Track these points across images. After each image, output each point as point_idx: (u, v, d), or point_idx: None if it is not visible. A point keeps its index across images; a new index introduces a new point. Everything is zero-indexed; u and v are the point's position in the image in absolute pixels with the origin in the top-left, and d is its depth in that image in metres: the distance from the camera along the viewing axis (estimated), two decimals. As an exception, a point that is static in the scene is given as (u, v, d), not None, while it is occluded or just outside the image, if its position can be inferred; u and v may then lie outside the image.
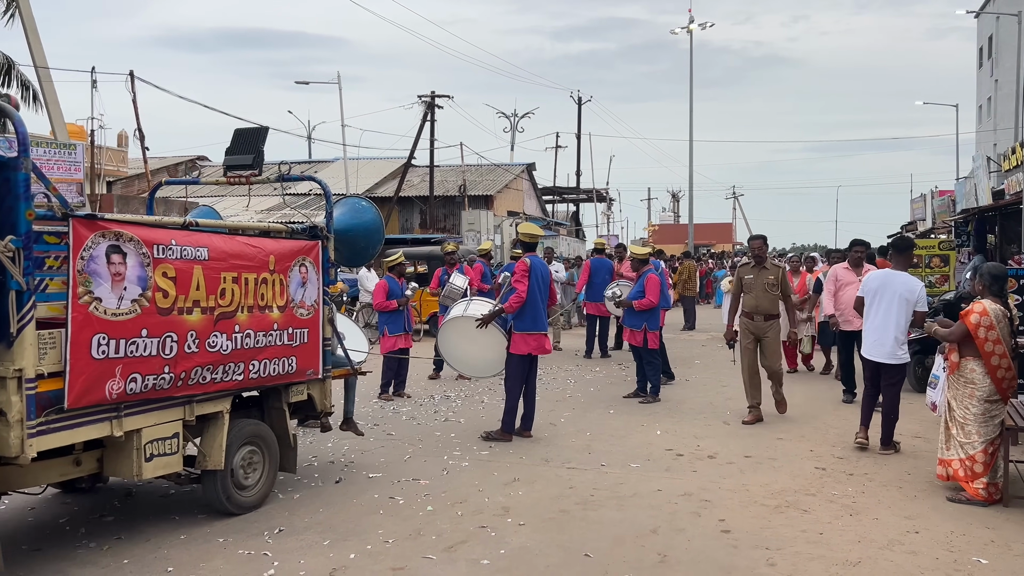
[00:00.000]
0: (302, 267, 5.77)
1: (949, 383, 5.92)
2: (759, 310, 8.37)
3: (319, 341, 5.96)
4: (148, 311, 4.64)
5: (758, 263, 8.50)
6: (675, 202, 77.48)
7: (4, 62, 17.08)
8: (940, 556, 4.66)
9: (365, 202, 7.08)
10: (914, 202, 37.94)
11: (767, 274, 8.42)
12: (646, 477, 6.29)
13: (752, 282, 8.46)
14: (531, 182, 38.70)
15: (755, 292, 8.42)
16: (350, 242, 6.71)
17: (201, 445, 5.30)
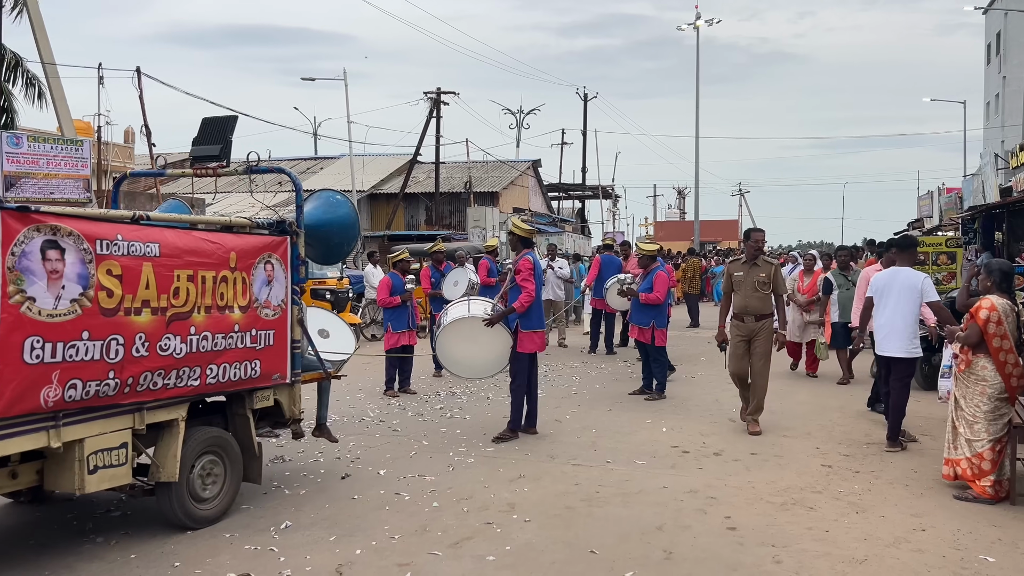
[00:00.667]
0: (268, 264, 5.42)
1: (958, 381, 5.90)
2: (749, 310, 7.75)
3: (287, 343, 5.60)
4: (90, 312, 4.29)
5: (749, 259, 7.86)
6: (681, 199, 77.42)
7: (12, 59, 17.12)
8: (947, 554, 4.65)
9: (339, 196, 6.70)
10: (921, 199, 37.85)
11: (758, 271, 7.78)
12: (652, 474, 6.29)
13: (742, 280, 7.84)
14: (537, 179, 38.70)
15: (744, 291, 7.79)
16: (323, 238, 6.34)
17: (154, 455, 4.92)
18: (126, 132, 28.62)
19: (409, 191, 31.30)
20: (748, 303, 7.76)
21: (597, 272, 13.46)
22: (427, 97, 30.09)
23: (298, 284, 5.71)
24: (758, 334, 7.75)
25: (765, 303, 7.80)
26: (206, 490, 5.19)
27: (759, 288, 7.76)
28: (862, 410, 8.69)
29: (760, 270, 7.80)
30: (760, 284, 7.76)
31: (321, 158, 38.66)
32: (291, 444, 7.34)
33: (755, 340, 7.75)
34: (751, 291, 7.76)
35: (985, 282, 5.97)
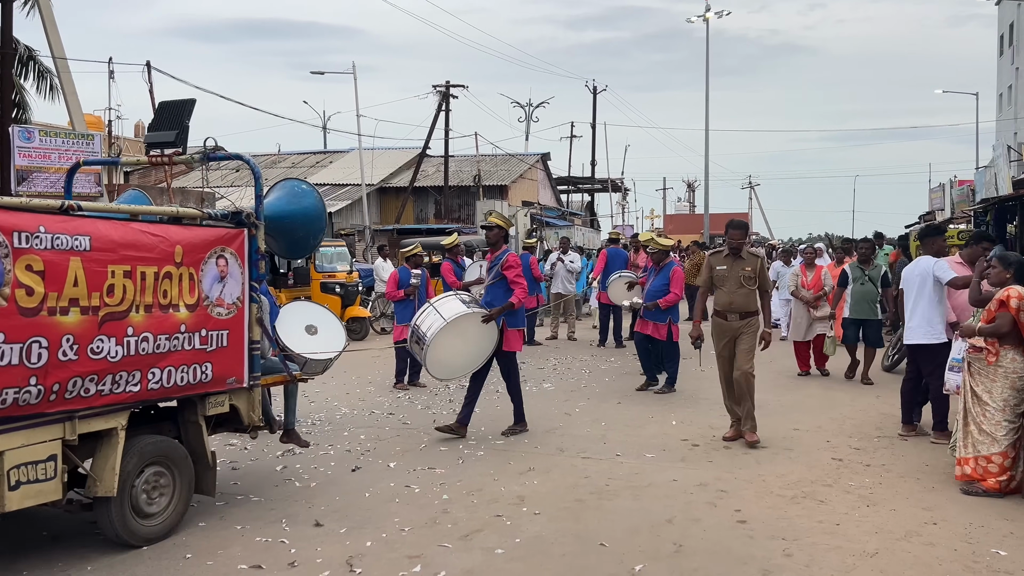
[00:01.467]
0: (220, 259, 5.00)
1: (981, 375, 5.73)
2: (733, 307, 7.09)
3: (243, 344, 5.19)
4: (6, 312, 3.89)
5: (733, 252, 7.23)
6: (691, 192, 77.19)
7: (24, 53, 17.19)
8: (958, 548, 4.63)
9: (305, 185, 6.25)
10: (933, 192, 37.59)
11: (743, 265, 7.12)
12: (661, 467, 6.28)
13: (725, 274, 7.17)
14: (546, 172, 38.67)
15: (728, 286, 7.14)
16: (287, 231, 5.93)
17: (91, 468, 4.50)
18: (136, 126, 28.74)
19: (418, 185, 31.32)
20: (732, 299, 7.11)
21: (604, 265, 13.42)
22: (436, 91, 30.12)
23: (257, 280, 5.35)
24: (743, 333, 7.10)
25: (750, 300, 7.16)
26: (152, 504, 4.75)
27: (744, 283, 7.11)
28: (873, 403, 8.67)
29: (745, 263, 7.13)
30: (746, 279, 7.11)
31: (330, 152, 38.71)
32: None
33: (740, 341, 7.09)
34: (735, 286, 7.11)
35: (1003, 275, 5.86)
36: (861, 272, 9.92)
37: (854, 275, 9.95)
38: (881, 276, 9.92)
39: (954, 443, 6.02)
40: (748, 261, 7.18)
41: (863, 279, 9.89)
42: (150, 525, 4.73)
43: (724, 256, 7.28)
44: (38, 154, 15.33)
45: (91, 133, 17.18)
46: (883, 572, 4.30)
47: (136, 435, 4.74)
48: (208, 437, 5.17)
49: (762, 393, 9.31)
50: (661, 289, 9.51)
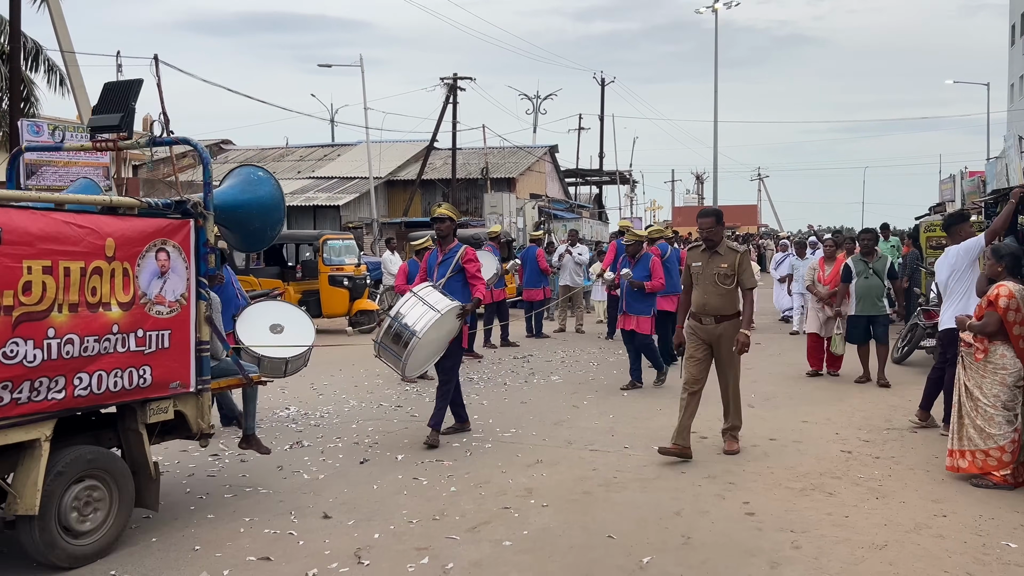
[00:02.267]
0: (161, 252, 4.57)
1: (972, 370, 5.71)
2: (708, 309, 6.31)
3: (189, 345, 4.78)
4: None
5: (708, 246, 6.44)
6: (699, 184, 76.99)
7: (33, 47, 17.23)
8: (968, 540, 4.61)
9: (262, 172, 5.75)
10: (943, 183, 37.32)
11: (719, 261, 6.33)
12: (670, 459, 6.27)
13: (699, 272, 6.41)
14: (554, 164, 38.59)
15: (703, 285, 6.37)
16: (240, 222, 5.50)
17: (12, 483, 4.12)
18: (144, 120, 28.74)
19: (426, 178, 31.30)
20: (707, 300, 6.32)
21: (613, 258, 13.39)
22: (443, 83, 30.06)
23: (206, 275, 4.95)
24: (722, 339, 6.32)
25: (728, 301, 6.34)
26: (85, 521, 4.33)
27: (719, 282, 6.30)
28: (882, 395, 8.63)
29: (722, 259, 6.33)
30: (721, 277, 6.30)
31: (338, 145, 38.72)
32: (309, 429, 7.40)
33: (719, 347, 6.33)
34: (710, 285, 6.32)
35: (995, 268, 5.79)
36: (865, 265, 9.30)
37: (857, 269, 9.29)
38: (888, 268, 9.36)
39: None
40: (725, 257, 6.34)
41: (867, 272, 9.26)
42: (82, 544, 4.33)
43: (700, 251, 6.49)
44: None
45: (100, 127, 17.21)
46: (892, 564, 4.28)
47: (66, 446, 4.33)
48: (150, 447, 4.73)
49: (771, 386, 9.31)
50: (641, 278, 9.19)
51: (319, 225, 28.35)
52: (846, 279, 9.35)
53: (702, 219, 6.43)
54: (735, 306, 6.38)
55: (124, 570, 4.29)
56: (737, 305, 6.40)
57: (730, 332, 6.30)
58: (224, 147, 37.76)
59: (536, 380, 9.94)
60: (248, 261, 16.51)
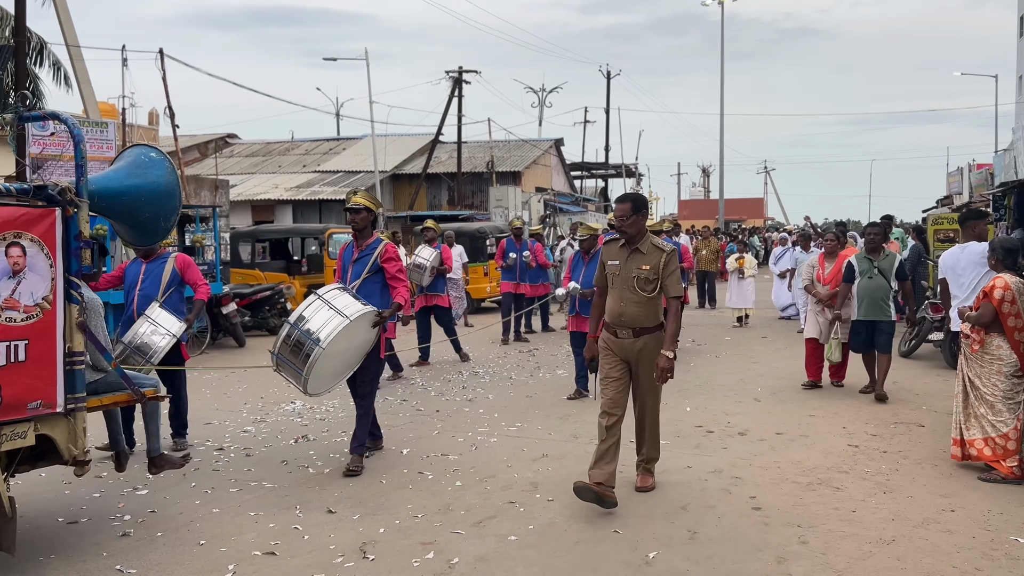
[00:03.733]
0: (13, 247, 3.92)
1: (971, 361, 5.77)
2: (624, 319, 5.07)
3: (55, 358, 4.08)
4: None
5: (628, 241, 5.14)
6: (705, 177, 76.82)
7: (37, 42, 17.24)
8: (977, 535, 4.58)
9: (155, 153, 4.94)
10: (951, 176, 37.19)
11: (640, 261, 5.06)
12: (676, 454, 6.25)
13: (616, 272, 5.13)
14: (559, 157, 38.53)
15: (619, 289, 5.10)
16: (128, 211, 4.75)
17: None
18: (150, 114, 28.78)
19: (431, 171, 31.27)
20: (623, 308, 5.06)
21: None
22: (449, 76, 30.01)
23: (80, 274, 4.23)
24: (641, 357, 5.10)
25: (649, 311, 5.07)
26: None
27: (640, 287, 5.02)
28: (890, 389, 8.59)
29: (643, 259, 5.05)
30: (642, 281, 5.02)
31: (343, 138, 38.71)
32: (314, 423, 7.40)
33: (638, 366, 5.13)
34: (628, 291, 5.05)
35: (990, 260, 5.89)
36: (869, 264, 8.16)
37: (861, 267, 8.18)
38: (896, 267, 8.14)
39: None
40: (648, 256, 5.04)
41: (871, 272, 8.13)
42: None
43: (618, 247, 5.17)
44: (52, 142, 15.40)
45: (105, 121, 17.24)
46: (900, 559, 4.26)
47: None
48: (5, 479, 4.07)
49: (777, 379, 9.28)
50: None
51: (324, 219, 28.37)
52: (848, 279, 8.26)
53: (618, 204, 5.12)
54: (658, 317, 5.11)
55: (129, 564, 4.29)
56: (659, 315, 5.12)
57: (651, 348, 5.05)
58: (229, 141, 37.77)
59: (542, 374, 9.92)
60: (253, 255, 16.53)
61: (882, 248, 8.29)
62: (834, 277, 8.71)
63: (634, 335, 5.07)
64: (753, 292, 14.92)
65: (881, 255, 8.22)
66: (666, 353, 4.97)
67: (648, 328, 5.08)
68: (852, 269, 8.24)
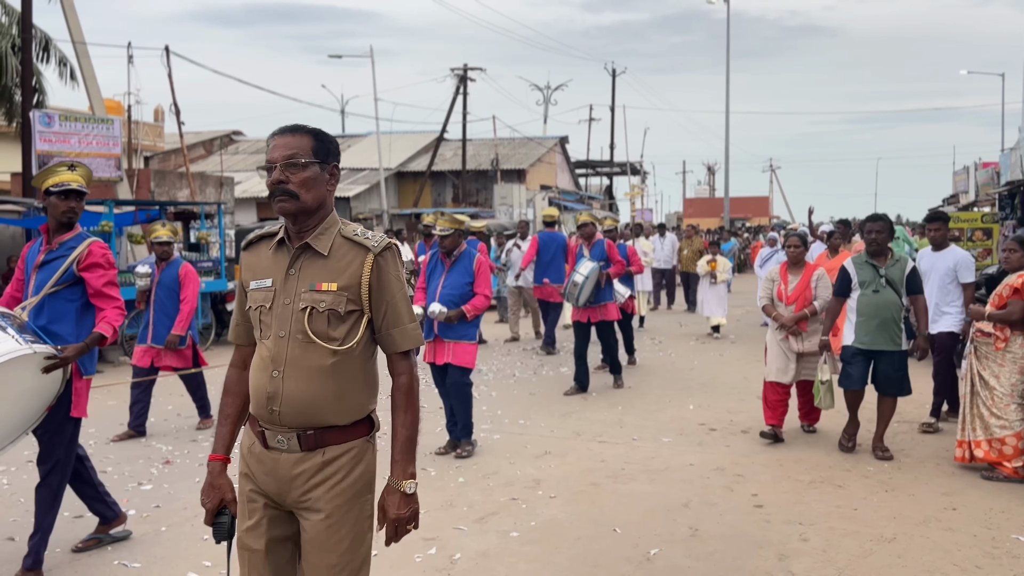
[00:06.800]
0: None
1: (989, 360, 5.67)
2: (277, 405, 2.38)
3: None
4: None
5: (296, 233, 2.46)
6: (711, 175, 76.66)
7: (43, 39, 17.29)
8: (978, 533, 4.58)
9: None
10: (956, 174, 37.09)
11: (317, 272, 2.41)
12: (678, 451, 6.26)
13: (266, 300, 2.45)
14: (564, 155, 38.52)
15: (273, 336, 2.41)
16: None
17: None
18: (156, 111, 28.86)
19: (436, 169, 31.28)
20: (280, 384, 2.39)
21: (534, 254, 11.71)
22: (454, 74, 30.02)
23: None
24: (313, 504, 2.41)
25: (340, 386, 2.44)
26: None
27: (315, 328, 2.38)
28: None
29: (324, 267, 2.42)
30: (317, 319, 2.39)
31: (348, 136, 38.75)
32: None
33: (306, 525, 2.44)
34: (291, 339, 2.39)
35: (1011, 256, 5.75)
36: (873, 272, 6.09)
37: (862, 276, 6.12)
38: (907, 275, 6.09)
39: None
40: (334, 261, 2.43)
41: (877, 282, 6.05)
42: None
43: (270, 249, 2.51)
44: (58, 139, 15.45)
45: (111, 118, 17.29)
46: (901, 557, 4.26)
47: None
48: None
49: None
50: (460, 287, 6.14)
51: (329, 216, 28.38)
52: (842, 291, 6.23)
53: (276, 137, 2.43)
54: (362, 403, 2.54)
55: (134, 559, 4.32)
56: (368, 402, 2.56)
57: (342, 481, 2.45)
58: (235, 138, 37.83)
59: (545, 371, 9.94)
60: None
61: (889, 251, 6.18)
62: (800, 294, 6.64)
63: (303, 444, 2.38)
64: (726, 300, 13.21)
65: (889, 259, 6.13)
66: (400, 486, 2.47)
67: (339, 427, 2.44)
68: (848, 278, 6.18)
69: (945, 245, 6.97)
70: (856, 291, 6.14)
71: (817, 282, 6.66)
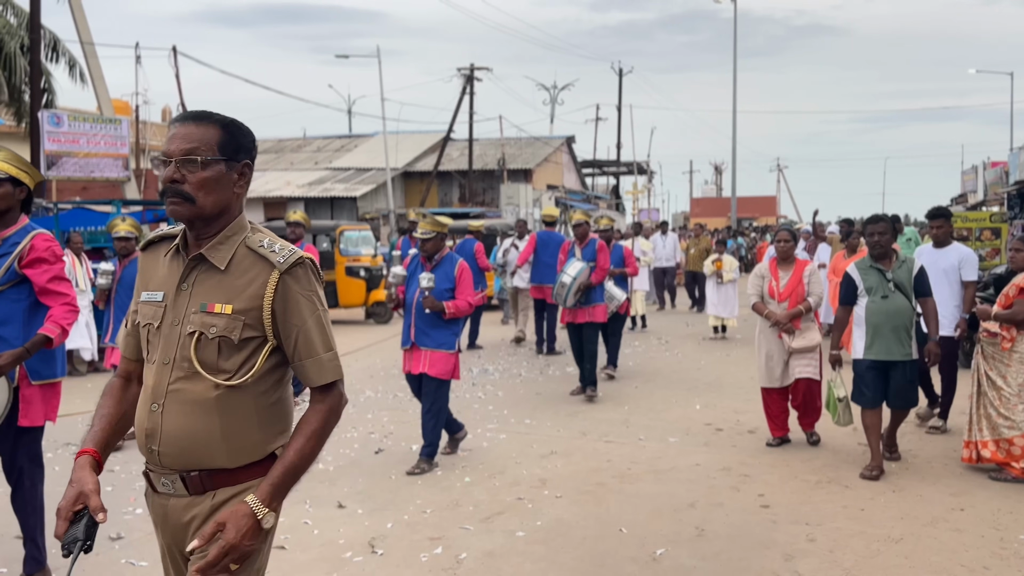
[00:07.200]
0: None
1: (995, 360, 5.64)
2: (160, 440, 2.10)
3: None
4: None
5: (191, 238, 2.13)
6: (718, 175, 76.51)
7: (51, 39, 17.37)
8: (986, 534, 4.56)
9: None
10: (965, 174, 36.96)
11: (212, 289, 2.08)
12: (684, 451, 6.25)
13: (155, 318, 2.14)
14: (571, 155, 38.52)
15: (158, 361, 2.11)
16: None
17: None
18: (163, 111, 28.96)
19: (442, 169, 31.32)
20: (160, 419, 2.09)
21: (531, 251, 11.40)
22: (460, 73, 30.05)
23: None
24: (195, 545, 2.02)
25: (232, 421, 2.08)
26: None
27: (201, 356, 2.06)
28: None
29: (221, 284, 2.08)
30: (206, 345, 2.07)
31: (355, 136, 38.81)
32: (325, 419, 7.43)
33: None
34: (173, 365, 2.08)
35: (1019, 256, 5.74)
36: (880, 276, 5.71)
37: (868, 283, 5.74)
38: (915, 277, 5.74)
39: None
40: (233, 278, 2.08)
41: (885, 288, 5.68)
42: None
43: (166, 255, 2.18)
44: (67, 139, 15.52)
45: (119, 118, 17.37)
46: (908, 558, 4.25)
47: None
48: None
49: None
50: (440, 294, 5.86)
51: (336, 216, 28.47)
52: (847, 299, 5.84)
53: (177, 125, 2.09)
54: (258, 443, 2.17)
55: (142, 557, 4.33)
56: (267, 442, 2.19)
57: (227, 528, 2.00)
58: (242, 138, 37.92)
59: (551, 371, 9.94)
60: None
61: (894, 253, 5.81)
62: (793, 290, 6.41)
63: (189, 487, 2.11)
64: (735, 299, 12.73)
65: (894, 262, 5.78)
66: (258, 511, 2.05)
67: (227, 472, 2.12)
68: (853, 285, 5.80)
69: (948, 242, 6.86)
70: (863, 298, 5.74)
71: (810, 277, 6.44)
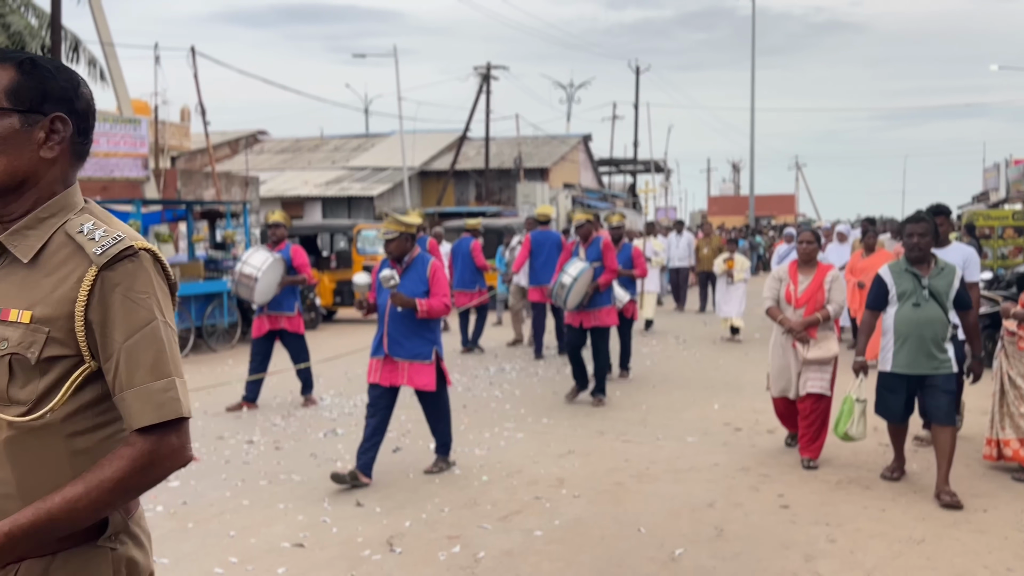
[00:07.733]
0: None
1: (1013, 359, 5.60)
2: None
3: None
4: None
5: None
6: (736, 173, 76.13)
7: (72, 40, 17.52)
8: (1009, 536, 4.51)
9: None
10: (987, 171, 36.56)
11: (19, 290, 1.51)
12: (703, 451, 6.22)
13: None
14: (587, 153, 38.42)
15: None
16: None
17: None
18: (182, 111, 29.13)
19: (459, 168, 31.32)
20: None
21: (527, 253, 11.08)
22: (477, 72, 30.04)
23: None
24: None
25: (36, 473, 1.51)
26: None
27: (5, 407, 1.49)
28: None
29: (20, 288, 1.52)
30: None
31: (372, 135, 38.91)
32: (342, 417, 7.46)
33: None
34: None
35: None
36: (915, 281, 5.20)
37: (902, 288, 5.23)
38: (954, 286, 5.22)
39: None
40: (49, 275, 1.50)
41: (919, 295, 5.17)
42: None
43: None
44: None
45: (138, 118, 17.49)
46: (930, 559, 4.21)
47: None
48: None
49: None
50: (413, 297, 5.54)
51: (353, 215, 28.55)
52: (876, 304, 5.35)
53: None
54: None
55: (162, 554, 4.36)
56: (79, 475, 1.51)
57: None
58: (260, 137, 38.12)
59: (569, 370, 9.90)
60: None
61: (933, 258, 5.29)
62: (812, 297, 5.95)
63: None
64: (743, 299, 12.37)
65: (933, 268, 5.25)
66: None
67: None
68: (884, 288, 5.30)
69: (947, 242, 6.57)
70: (893, 305, 5.26)
71: (831, 284, 5.95)
